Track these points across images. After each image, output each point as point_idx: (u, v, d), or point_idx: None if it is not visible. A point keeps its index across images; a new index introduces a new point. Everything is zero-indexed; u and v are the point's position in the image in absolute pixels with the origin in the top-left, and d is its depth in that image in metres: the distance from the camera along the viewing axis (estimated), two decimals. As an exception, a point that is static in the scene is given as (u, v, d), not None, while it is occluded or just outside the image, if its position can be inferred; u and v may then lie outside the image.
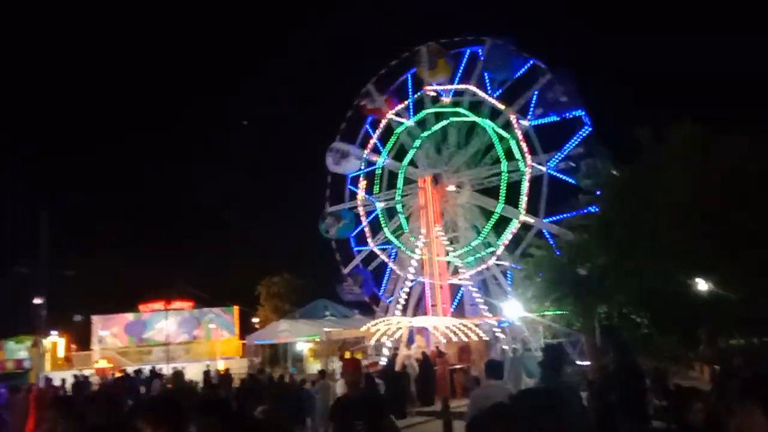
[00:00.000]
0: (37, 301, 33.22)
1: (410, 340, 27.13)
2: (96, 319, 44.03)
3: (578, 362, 21.30)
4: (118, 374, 30.50)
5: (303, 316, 32.57)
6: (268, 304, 46.75)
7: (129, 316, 44.92)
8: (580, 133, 28.42)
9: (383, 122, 34.38)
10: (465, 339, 25.90)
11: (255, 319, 46.39)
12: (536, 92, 29.79)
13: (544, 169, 29.90)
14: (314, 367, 28.35)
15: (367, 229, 34.73)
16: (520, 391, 6.42)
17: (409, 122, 33.77)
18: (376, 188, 35.07)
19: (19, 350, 40.51)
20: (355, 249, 35.29)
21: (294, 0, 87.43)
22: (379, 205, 34.71)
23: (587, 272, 20.44)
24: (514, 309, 26.31)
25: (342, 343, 29.43)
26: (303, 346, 31.04)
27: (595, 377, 12.93)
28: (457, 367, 23.86)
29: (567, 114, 28.77)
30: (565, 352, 14.33)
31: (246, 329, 44.26)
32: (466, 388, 21.83)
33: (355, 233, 35.06)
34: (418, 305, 31.44)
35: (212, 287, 45.69)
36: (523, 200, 29.68)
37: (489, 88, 31.53)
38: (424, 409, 20.38)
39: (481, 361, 24.45)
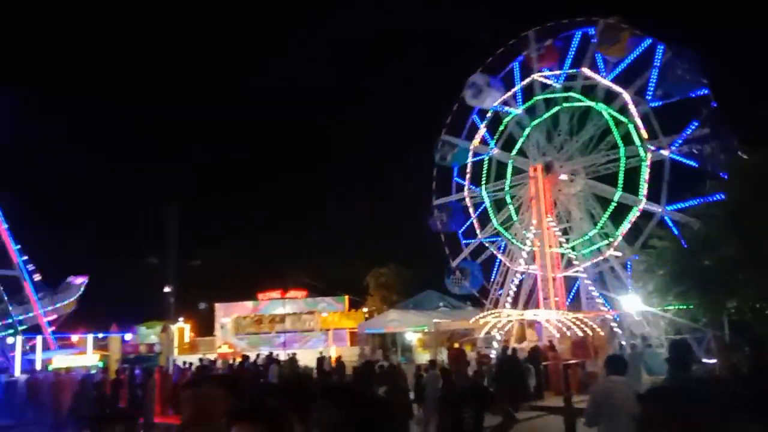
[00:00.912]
0: (166, 290, 35.66)
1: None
2: (218, 307, 46.66)
3: (704, 360, 19.97)
4: (238, 359, 32.19)
5: (413, 307, 32.80)
6: (376, 294, 47.51)
7: (248, 304, 47.19)
8: (704, 113, 26.45)
9: (490, 112, 33.73)
10: (580, 333, 25.04)
11: (364, 309, 47.33)
12: (655, 72, 28.03)
13: (665, 153, 28.05)
14: (423, 357, 28.46)
15: (475, 222, 34.31)
16: (656, 386, 6.02)
17: (518, 110, 32.90)
18: (483, 179, 34.52)
19: (149, 335, 43.75)
20: (464, 242, 34.97)
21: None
22: (487, 197, 34.17)
23: (714, 264, 19.05)
24: (633, 303, 25.08)
25: (451, 335, 29.34)
26: (412, 336, 31.26)
27: (723, 376, 12.06)
28: (572, 362, 23.11)
29: (690, 94, 26.84)
30: (692, 349, 13.48)
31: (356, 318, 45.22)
32: (583, 384, 21.13)
33: (464, 226, 34.72)
34: (529, 298, 30.71)
35: (324, 277, 47.20)
36: (644, 187, 28.12)
37: (603, 70, 29.96)
38: (541, 404, 19.94)
39: (597, 356, 23.54)
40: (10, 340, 31.82)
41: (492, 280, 33.26)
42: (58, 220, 60.24)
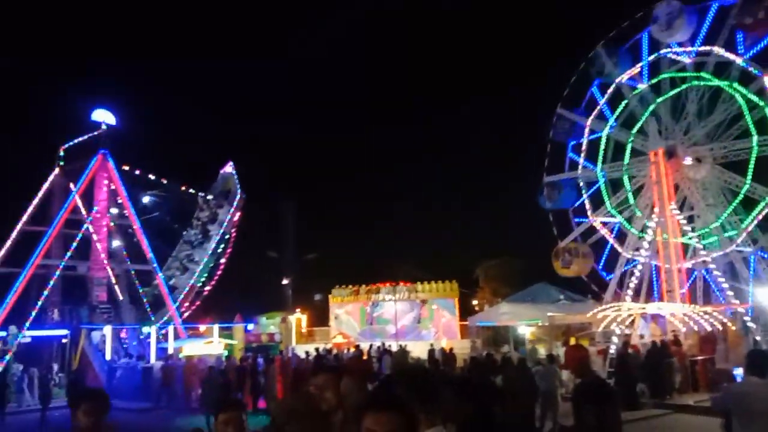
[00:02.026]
0: (284, 282, 37.31)
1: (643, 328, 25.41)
2: (332, 298, 48.09)
3: None
4: (352, 349, 33.05)
5: (526, 300, 32.10)
6: (487, 286, 46.98)
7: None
8: None
9: (612, 87, 32.00)
10: (708, 328, 23.50)
11: (474, 301, 46.95)
12: None
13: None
14: (537, 351, 27.85)
15: (587, 202, 32.75)
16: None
17: (643, 86, 30.88)
18: (600, 158, 32.88)
19: (269, 325, 45.83)
20: (574, 221, 33.54)
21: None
22: (603, 176, 32.51)
23: None
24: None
25: (566, 329, 28.47)
26: (525, 330, 30.62)
27: None
28: (699, 358, 21.79)
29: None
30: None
31: (465, 311, 44.99)
32: (712, 381, 19.91)
33: (575, 205, 33.27)
34: (650, 290, 29.16)
35: (434, 270, 47.27)
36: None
37: (741, 48, 27.32)
38: (666, 402, 18.99)
39: (728, 352, 22.07)
40: (145, 330, 34.51)
41: (602, 263, 31.76)
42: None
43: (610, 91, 32.00)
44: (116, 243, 38.39)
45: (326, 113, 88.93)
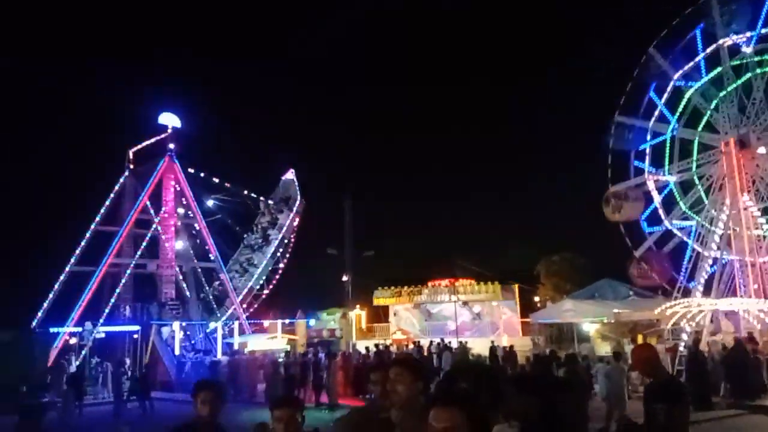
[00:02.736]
0: (344, 278, 37.72)
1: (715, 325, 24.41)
2: (392, 295, 48.31)
3: None
4: (410, 345, 33.14)
5: (590, 296, 31.30)
6: (548, 282, 46.11)
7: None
8: None
9: (669, 87, 30.94)
10: (787, 325, 22.38)
11: (535, 298, 46.19)
12: None
13: None
14: (602, 348, 27.18)
15: (659, 207, 31.59)
16: None
17: (702, 81, 29.79)
18: (666, 161, 31.79)
19: (330, 321, 46.48)
20: (647, 230, 32.39)
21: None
22: (672, 179, 31.37)
23: None
24: None
25: (633, 326, 27.66)
26: (589, 327, 29.90)
27: None
28: (775, 357, 20.76)
29: None
30: None
31: (526, 308, 44.34)
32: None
33: (646, 214, 32.18)
34: (726, 287, 27.89)
35: (494, 266, 46.85)
36: None
37: None
38: (741, 401, 18.22)
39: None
40: (212, 326, 35.54)
41: (683, 270, 30.48)
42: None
43: (668, 90, 30.89)
44: (183, 242, 39.67)
45: (389, 113, 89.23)
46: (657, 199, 31.42)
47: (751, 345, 20.57)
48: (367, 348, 30.06)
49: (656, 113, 31.28)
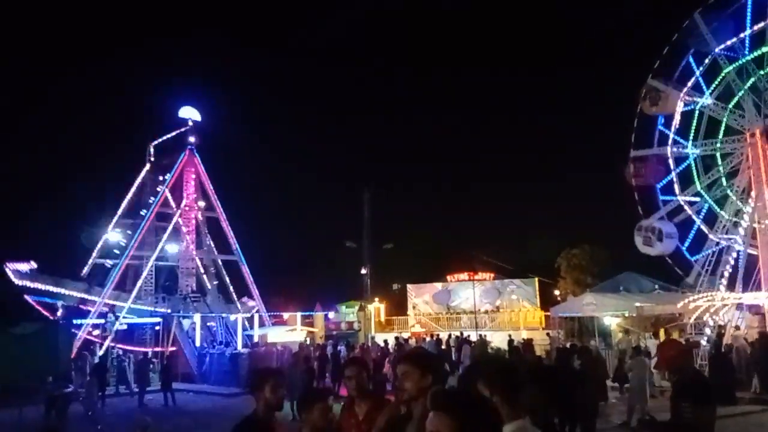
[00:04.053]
0: (363, 271, 37.79)
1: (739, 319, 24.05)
2: (410, 288, 48.30)
3: None
4: (428, 338, 33.09)
5: (612, 290, 30.97)
6: (568, 276, 45.76)
7: (438, 285, 48.21)
8: None
9: (708, 57, 29.81)
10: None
11: (555, 291, 45.89)
12: None
13: None
14: (624, 342, 26.89)
15: (675, 180, 30.88)
16: None
17: (744, 59, 28.57)
18: (691, 133, 30.66)
19: (349, 314, 46.63)
20: (661, 199, 31.70)
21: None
22: (694, 153, 30.52)
23: None
24: None
25: (655, 319, 27.32)
26: (610, 321, 29.61)
27: None
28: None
29: None
30: None
31: (546, 301, 44.09)
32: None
33: (663, 182, 31.49)
34: (747, 280, 27.41)
35: (513, 259, 46.60)
36: None
37: None
38: (764, 397, 17.94)
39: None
40: (233, 318, 35.84)
41: (687, 245, 29.92)
42: (265, 206, 66.24)
43: (706, 62, 29.69)
44: (204, 235, 40.02)
45: (411, 105, 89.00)
46: (674, 170, 30.70)
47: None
48: (385, 341, 30.08)
49: (691, 81, 30.12)
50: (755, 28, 27.62)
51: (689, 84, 29.82)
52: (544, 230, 54.24)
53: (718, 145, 29.50)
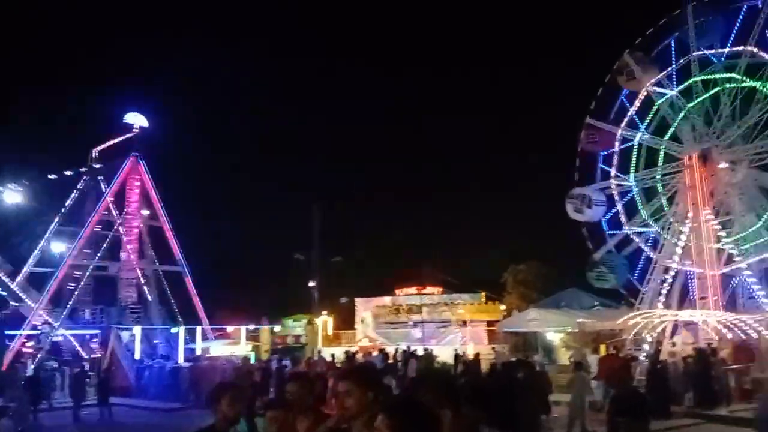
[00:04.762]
0: (311, 284, 37.49)
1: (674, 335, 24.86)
2: (359, 301, 48.11)
3: None
4: (376, 352, 32.98)
5: (555, 306, 31.65)
6: (515, 291, 46.51)
7: (386, 299, 48.16)
8: None
9: (641, 94, 31.48)
10: (742, 336, 22.89)
11: (502, 307, 46.50)
12: None
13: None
14: (566, 358, 27.43)
15: (621, 212, 32.25)
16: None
17: (673, 92, 30.38)
18: (632, 167, 32.24)
19: (296, 327, 46.06)
20: (608, 233, 33.00)
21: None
22: (636, 186, 31.99)
23: None
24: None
25: (596, 335, 27.99)
26: (554, 336, 30.20)
27: None
28: (733, 367, 21.22)
29: None
30: None
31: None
32: (746, 391, 19.39)
33: (607, 216, 32.77)
34: (683, 297, 28.51)
35: (460, 274, 47.04)
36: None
37: None
38: (697, 411, 18.53)
39: (764, 362, 21.47)
40: (174, 330, 34.91)
41: (637, 274, 31.15)
42: (211, 216, 65.05)
43: (640, 98, 31.54)
44: (146, 244, 38.95)
45: (360, 119, 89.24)
46: (619, 203, 32.03)
47: (714, 356, 20.96)
48: (332, 355, 29.81)
49: (626, 118, 31.84)
50: (681, 61, 29.47)
51: (624, 121, 31.60)
52: (492, 246, 55.02)
53: (658, 176, 31.01)
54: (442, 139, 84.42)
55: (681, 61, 30.19)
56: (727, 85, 28.62)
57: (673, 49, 30.60)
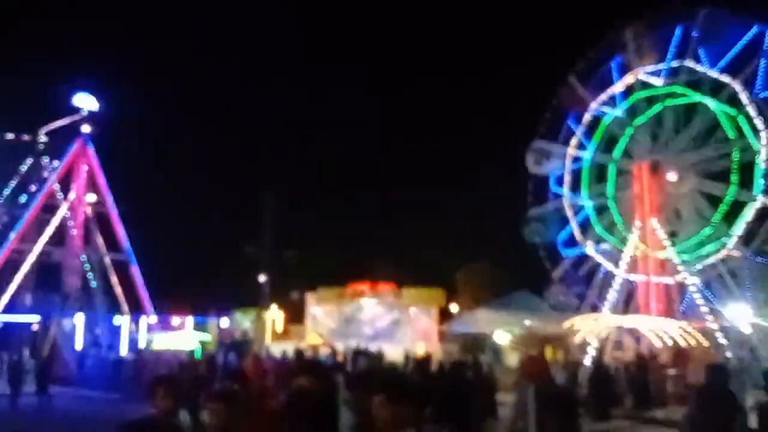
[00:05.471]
0: (261, 278, 37.03)
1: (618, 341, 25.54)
2: (309, 297, 47.74)
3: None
4: (326, 349, 32.83)
5: (505, 307, 32.10)
6: (466, 292, 46.87)
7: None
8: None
9: (587, 115, 32.42)
10: (682, 343, 23.68)
11: (454, 306, 46.82)
12: (764, 61, 26.70)
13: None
14: (513, 359, 27.82)
15: (576, 231, 32.98)
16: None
17: (618, 111, 31.51)
18: (584, 186, 33.16)
19: (244, 321, 45.43)
20: (564, 252, 33.75)
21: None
22: (588, 203, 32.86)
23: None
24: (742, 313, 23.44)
25: (543, 338, 28.52)
26: (502, 338, 30.61)
27: None
28: (672, 372, 21.94)
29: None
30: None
31: (444, 316, 44.86)
32: (681, 396, 20.07)
33: (563, 237, 33.54)
34: (628, 305, 29.29)
35: (414, 272, 47.08)
36: (761, 182, 26.32)
37: (707, 62, 28.49)
38: (635, 414, 19.05)
39: (699, 368, 22.22)
40: (116, 321, 34.01)
41: (594, 290, 31.89)
42: (159, 205, 63.53)
43: (585, 119, 32.46)
44: (93, 231, 37.82)
45: (311, 112, 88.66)
46: (573, 222, 32.78)
47: (655, 361, 21.61)
48: (284, 352, 29.45)
49: (574, 140, 32.76)
50: (625, 79, 30.89)
51: (572, 143, 32.51)
52: (446, 246, 55.39)
53: (610, 188, 31.93)
54: (403, 137, 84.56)
55: (624, 80, 31.26)
56: (669, 102, 29.81)
57: (615, 69, 31.73)
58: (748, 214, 26.72)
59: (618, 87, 31.47)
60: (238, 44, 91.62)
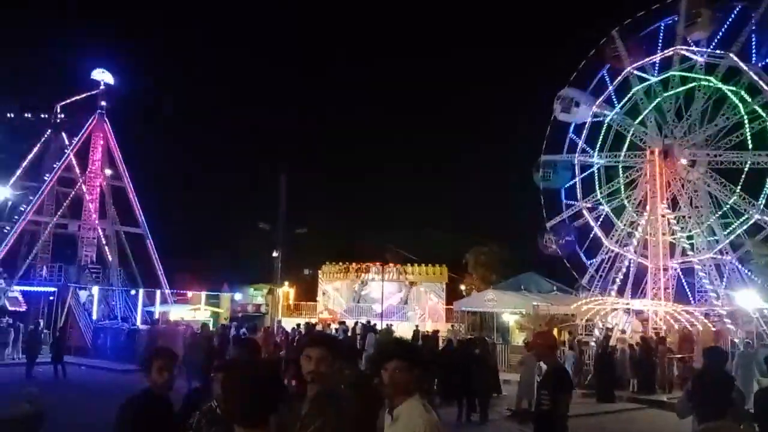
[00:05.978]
0: (274, 254, 37.42)
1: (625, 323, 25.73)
2: (321, 274, 48.20)
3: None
4: (336, 325, 33.31)
5: (513, 288, 32.35)
6: (476, 272, 47.10)
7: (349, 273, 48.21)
8: None
9: (622, 74, 31.82)
10: (689, 327, 23.84)
11: (462, 287, 47.12)
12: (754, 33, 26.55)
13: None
14: (520, 338, 28.14)
15: (578, 185, 33.22)
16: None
17: (653, 80, 30.99)
18: (598, 144, 33.00)
19: (257, 296, 46.05)
20: (565, 202, 33.98)
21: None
22: (598, 162, 32.83)
23: None
24: (751, 299, 23.51)
25: (550, 319, 28.78)
26: (509, 318, 30.91)
27: None
28: (677, 356, 22.13)
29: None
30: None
31: (453, 295, 45.18)
32: (685, 379, 20.27)
33: (567, 185, 33.62)
34: (636, 287, 29.43)
35: (424, 252, 47.39)
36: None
37: (754, 56, 27.59)
38: (639, 396, 19.33)
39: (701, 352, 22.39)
40: (133, 293, 34.62)
41: (583, 249, 32.26)
42: (175, 184, 64.22)
43: (619, 78, 31.98)
44: (109, 204, 38.37)
45: (323, 91, 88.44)
46: (578, 176, 32.93)
47: (661, 345, 21.78)
48: (298, 325, 29.95)
49: (604, 95, 32.48)
50: (666, 52, 29.90)
51: (602, 97, 32.01)
52: (456, 227, 55.62)
53: (621, 157, 31.68)
54: (414, 112, 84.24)
55: (667, 51, 30.40)
56: (703, 84, 29.25)
57: (661, 35, 30.87)
58: (742, 221, 26.98)
59: (658, 55, 30.81)
60: (257, 19, 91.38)
